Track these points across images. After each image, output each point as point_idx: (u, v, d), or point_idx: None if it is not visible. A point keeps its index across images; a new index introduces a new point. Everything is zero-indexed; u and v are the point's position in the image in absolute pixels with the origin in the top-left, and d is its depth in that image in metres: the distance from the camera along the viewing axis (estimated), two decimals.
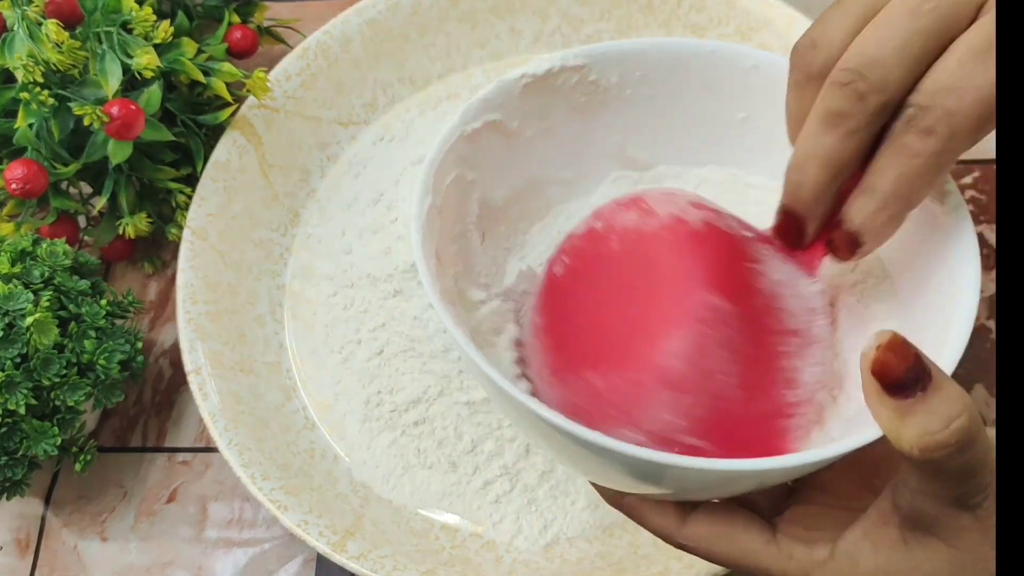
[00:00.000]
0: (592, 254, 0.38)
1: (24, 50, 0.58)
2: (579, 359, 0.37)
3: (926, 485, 0.30)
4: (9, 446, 0.53)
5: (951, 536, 0.31)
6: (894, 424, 0.29)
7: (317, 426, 0.59)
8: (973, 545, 0.31)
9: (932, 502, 0.31)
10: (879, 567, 0.32)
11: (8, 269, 0.54)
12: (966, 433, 0.29)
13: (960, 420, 0.29)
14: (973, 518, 0.31)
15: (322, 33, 0.67)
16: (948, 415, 0.29)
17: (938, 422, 0.29)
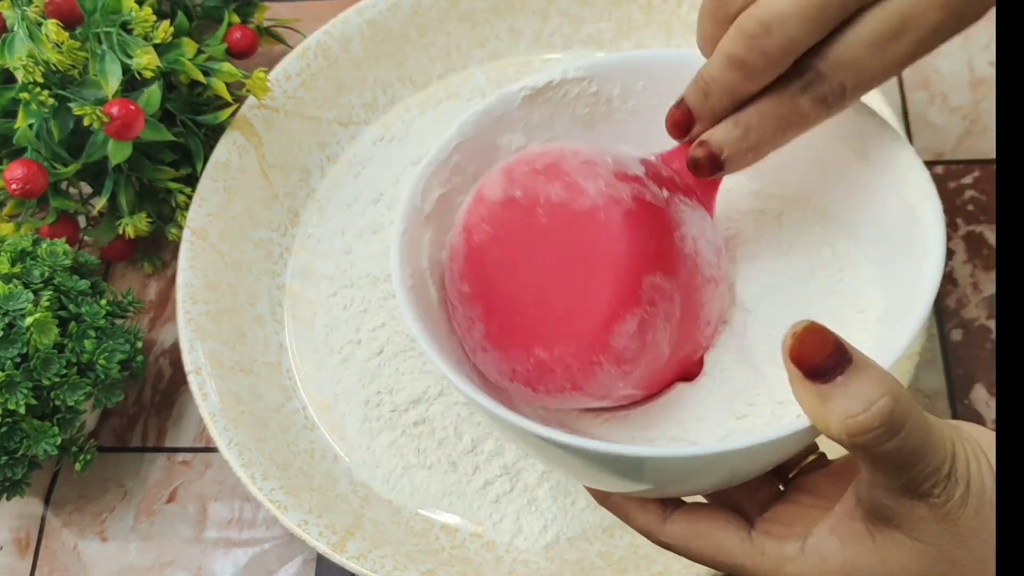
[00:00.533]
0: (517, 224, 0.38)
1: (24, 50, 0.58)
2: (519, 331, 0.38)
3: (873, 475, 0.31)
4: (9, 446, 0.53)
5: (911, 528, 0.31)
6: (818, 410, 0.30)
7: (317, 426, 0.59)
8: (933, 536, 0.31)
9: (884, 492, 0.31)
10: (846, 561, 0.33)
11: (8, 269, 0.54)
12: (890, 415, 0.29)
13: (882, 402, 0.29)
14: (928, 508, 0.30)
15: (322, 33, 0.67)
16: (868, 398, 0.29)
17: (859, 405, 0.29)
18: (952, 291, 0.59)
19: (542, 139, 0.43)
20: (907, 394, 0.29)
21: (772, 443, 0.32)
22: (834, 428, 0.29)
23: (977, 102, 0.65)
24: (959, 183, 0.63)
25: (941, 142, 0.64)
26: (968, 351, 0.58)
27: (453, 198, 0.42)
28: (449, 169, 0.41)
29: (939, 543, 0.31)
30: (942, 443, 0.30)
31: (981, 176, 0.63)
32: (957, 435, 0.31)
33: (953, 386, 0.57)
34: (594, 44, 0.68)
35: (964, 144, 0.64)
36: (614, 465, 0.34)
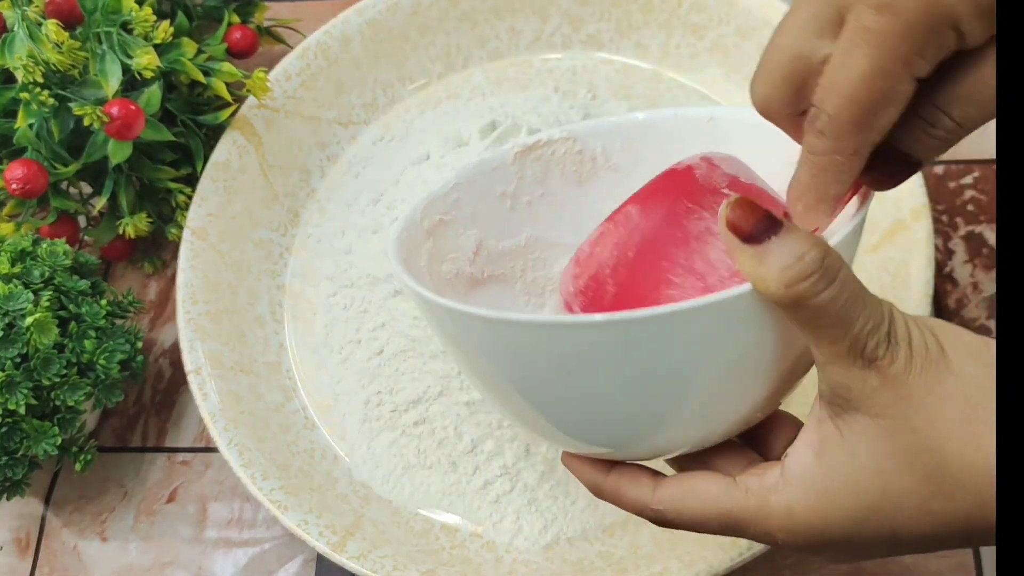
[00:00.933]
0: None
1: (24, 50, 0.58)
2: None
3: (822, 347, 0.32)
4: (9, 446, 0.53)
5: (868, 404, 0.32)
6: (756, 269, 0.32)
7: (317, 426, 0.59)
8: (889, 406, 0.32)
9: (836, 368, 0.32)
10: (825, 471, 0.34)
11: (8, 269, 0.54)
12: (822, 262, 0.31)
13: (813, 252, 0.31)
14: (877, 375, 0.32)
15: (322, 33, 0.67)
16: (800, 250, 0.31)
17: (792, 256, 0.31)
18: (952, 291, 0.59)
19: (536, 193, 0.46)
20: (836, 252, 0.32)
21: (708, 309, 0.32)
22: (772, 282, 0.31)
23: None
24: (959, 183, 0.63)
25: None
26: None
27: (451, 227, 0.44)
28: (449, 203, 0.43)
29: (896, 412, 0.32)
30: (877, 304, 0.32)
31: (981, 176, 0.63)
32: (891, 304, 0.33)
33: None
34: (594, 44, 0.68)
35: (964, 144, 0.63)
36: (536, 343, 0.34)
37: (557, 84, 0.67)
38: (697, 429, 0.37)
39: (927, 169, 0.63)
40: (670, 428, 0.37)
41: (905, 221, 0.56)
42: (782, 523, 0.35)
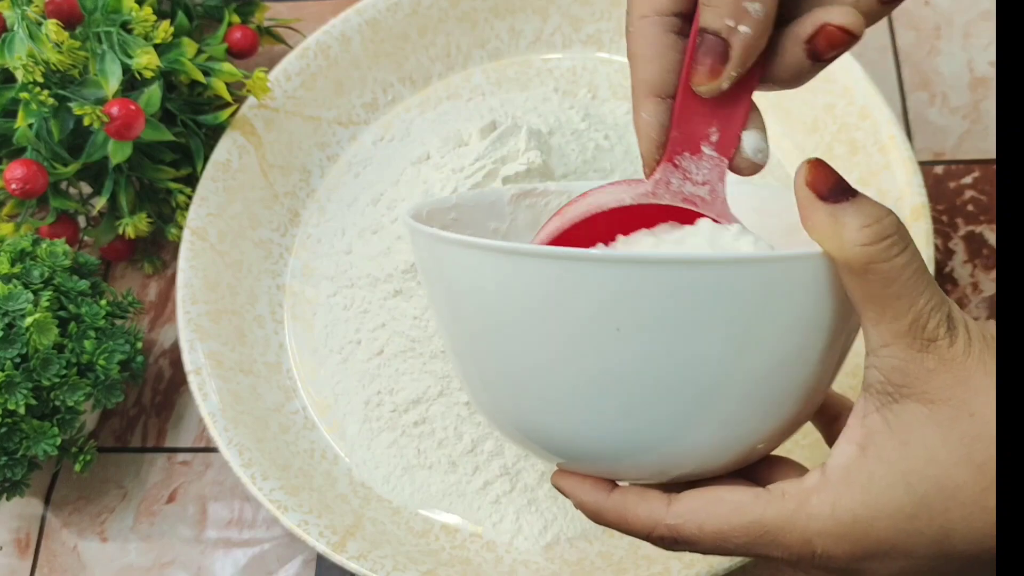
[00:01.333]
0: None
1: (24, 50, 0.58)
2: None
3: (882, 325, 0.31)
4: (9, 446, 0.53)
5: (923, 387, 0.31)
6: (831, 227, 0.31)
7: (317, 426, 0.59)
8: (946, 389, 0.31)
9: (893, 350, 0.31)
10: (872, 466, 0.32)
11: (8, 269, 0.54)
12: (899, 226, 0.31)
13: (891, 216, 0.31)
14: (937, 358, 0.31)
15: (322, 33, 0.67)
16: (878, 213, 0.31)
17: (871, 216, 0.31)
18: (952, 291, 0.59)
19: (524, 238, 0.44)
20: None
21: (770, 264, 0.31)
22: (849, 240, 0.30)
23: (977, 102, 0.65)
24: (959, 183, 0.63)
25: (941, 142, 0.64)
26: None
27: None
28: (448, 219, 0.42)
29: (953, 396, 0.30)
30: (936, 284, 0.31)
31: (981, 176, 0.63)
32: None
33: None
34: (594, 44, 0.68)
35: (964, 144, 0.64)
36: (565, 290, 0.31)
37: (557, 84, 0.68)
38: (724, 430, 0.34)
39: (927, 169, 0.63)
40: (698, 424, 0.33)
41: (904, 221, 0.56)
42: (824, 526, 0.31)
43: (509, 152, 0.56)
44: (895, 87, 0.67)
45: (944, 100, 0.66)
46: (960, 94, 0.66)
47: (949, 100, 0.66)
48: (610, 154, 0.61)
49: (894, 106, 0.65)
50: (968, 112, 0.65)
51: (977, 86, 0.66)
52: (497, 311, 0.34)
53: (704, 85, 0.33)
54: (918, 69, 0.67)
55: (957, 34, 0.68)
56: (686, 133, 0.35)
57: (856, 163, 0.59)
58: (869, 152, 0.58)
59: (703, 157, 0.35)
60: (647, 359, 0.32)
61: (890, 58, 0.68)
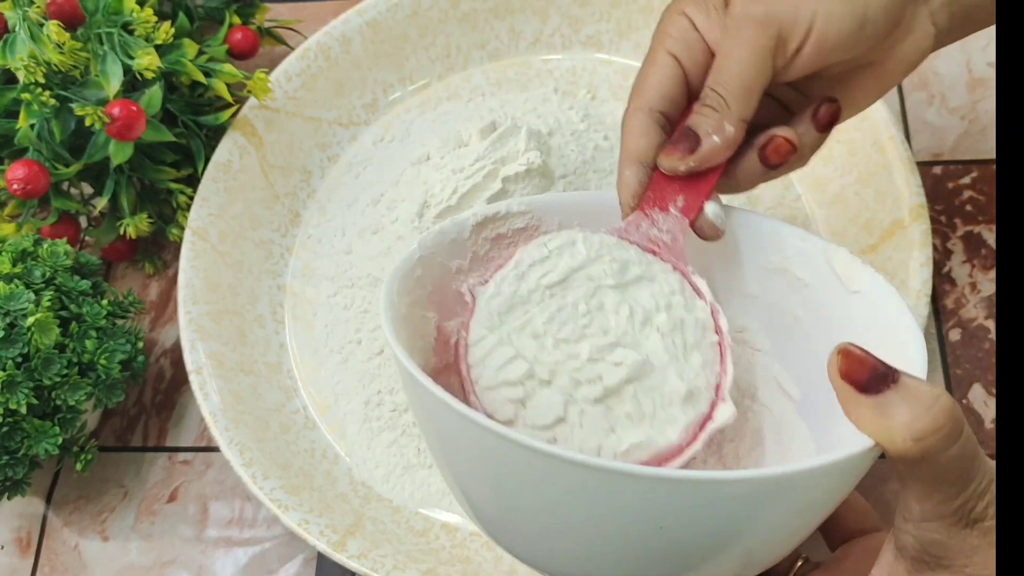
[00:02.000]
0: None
1: (26, 51, 0.58)
2: None
3: (928, 503, 0.30)
4: (10, 445, 0.53)
5: (963, 563, 0.30)
6: (878, 422, 0.29)
7: (317, 426, 0.59)
8: (986, 566, 0.30)
9: (937, 526, 0.30)
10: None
11: (9, 269, 0.55)
12: (952, 413, 0.29)
13: (942, 400, 0.29)
14: (981, 535, 0.30)
15: (322, 34, 0.67)
16: (928, 398, 0.29)
17: (921, 405, 0.29)
18: (950, 291, 0.60)
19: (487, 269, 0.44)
20: (956, 402, 0.29)
21: (821, 471, 0.31)
22: (899, 435, 0.29)
23: (975, 102, 0.66)
24: (957, 183, 0.63)
25: (939, 142, 0.64)
26: (966, 351, 0.58)
27: (416, 309, 0.43)
28: (413, 280, 0.42)
29: (990, 570, 0.30)
30: (985, 460, 0.30)
31: (980, 176, 0.63)
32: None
33: (951, 386, 0.57)
34: (593, 45, 0.68)
35: (962, 144, 0.64)
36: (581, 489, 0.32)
37: (557, 85, 0.68)
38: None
39: (925, 169, 0.63)
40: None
41: (903, 221, 0.56)
42: None
43: (509, 152, 0.56)
44: (894, 88, 0.67)
45: (943, 101, 0.66)
46: (958, 95, 0.66)
47: (947, 101, 0.66)
48: (610, 154, 0.61)
49: (893, 106, 0.65)
50: (967, 112, 0.65)
51: (975, 86, 0.66)
52: (494, 478, 0.35)
53: (668, 162, 0.41)
54: (917, 69, 0.67)
55: None
56: (658, 195, 0.42)
57: (855, 163, 0.59)
58: (868, 152, 0.59)
59: (670, 214, 0.42)
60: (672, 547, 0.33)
61: None
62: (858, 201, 0.59)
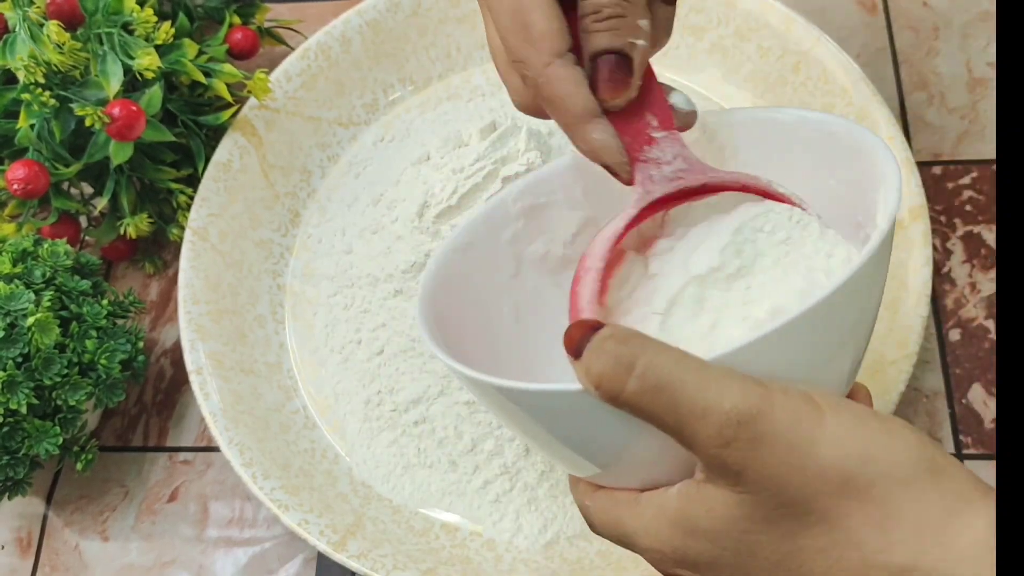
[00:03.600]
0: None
1: (26, 51, 0.58)
2: None
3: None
4: (11, 445, 0.53)
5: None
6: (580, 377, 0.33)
7: (317, 426, 0.59)
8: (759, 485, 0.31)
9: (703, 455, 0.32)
10: (679, 510, 0.34)
11: (10, 269, 0.55)
12: (614, 351, 0.32)
13: (607, 343, 0.32)
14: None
15: (323, 34, 0.67)
16: (596, 342, 0.32)
17: (593, 352, 0.32)
18: (950, 291, 0.60)
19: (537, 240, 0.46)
20: (635, 337, 0.32)
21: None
22: (585, 383, 0.32)
23: (975, 102, 0.66)
24: (957, 183, 0.63)
25: (939, 142, 0.65)
26: (966, 351, 0.58)
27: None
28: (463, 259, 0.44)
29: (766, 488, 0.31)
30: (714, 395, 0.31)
31: (980, 176, 0.63)
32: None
33: (951, 386, 0.57)
34: None
35: (962, 144, 0.64)
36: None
37: None
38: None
39: (925, 169, 0.63)
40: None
41: (903, 221, 0.56)
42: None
43: (509, 152, 0.57)
44: (894, 87, 0.67)
45: (942, 100, 0.66)
46: (958, 94, 0.66)
47: (947, 100, 0.66)
48: None
49: (892, 106, 0.65)
50: (966, 112, 0.65)
51: (975, 86, 0.66)
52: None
53: (616, 100, 0.37)
54: (916, 69, 0.68)
55: (955, 35, 0.68)
56: (633, 134, 0.38)
57: None
58: None
59: (658, 141, 0.38)
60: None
61: (888, 58, 0.68)
62: None
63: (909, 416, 0.56)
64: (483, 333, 0.44)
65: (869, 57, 0.68)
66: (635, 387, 0.31)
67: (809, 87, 0.62)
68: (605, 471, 0.37)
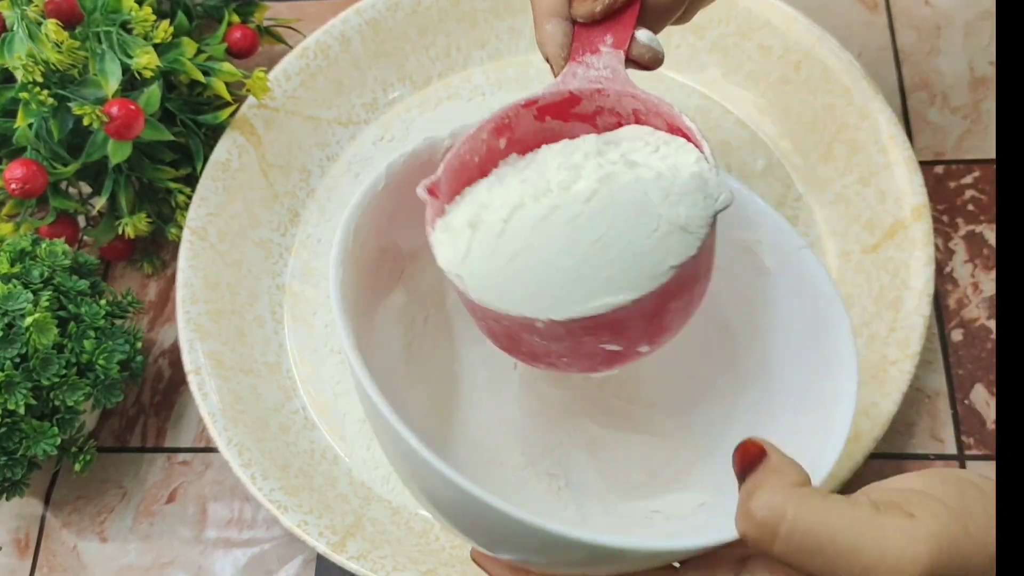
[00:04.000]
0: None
1: (24, 50, 0.58)
2: None
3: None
4: (9, 446, 0.53)
5: None
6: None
7: (317, 426, 0.58)
8: None
9: None
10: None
11: (8, 269, 0.54)
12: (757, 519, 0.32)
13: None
14: None
15: (322, 33, 0.67)
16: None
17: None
18: (952, 291, 0.59)
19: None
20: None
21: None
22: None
23: (977, 102, 0.65)
24: (959, 183, 0.63)
25: (941, 142, 0.64)
26: (968, 351, 0.58)
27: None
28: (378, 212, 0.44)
29: None
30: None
31: (981, 176, 0.63)
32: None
33: (953, 386, 0.57)
34: None
35: (964, 144, 0.64)
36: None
37: None
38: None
39: (927, 169, 0.63)
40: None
41: (905, 221, 0.56)
42: None
43: None
44: (895, 87, 0.67)
45: (944, 100, 0.66)
46: (960, 94, 0.66)
47: (949, 100, 0.66)
48: None
49: (894, 106, 0.65)
50: (968, 112, 0.65)
51: (977, 86, 0.66)
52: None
53: (578, 10, 0.42)
54: (918, 69, 0.67)
55: (957, 34, 0.68)
56: (585, 42, 0.43)
57: (856, 163, 0.59)
58: (869, 152, 0.58)
59: (602, 53, 0.42)
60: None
61: (890, 58, 0.68)
62: (860, 201, 0.58)
63: (911, 417, 0.56)
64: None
65: (871, 56, 0.68)
66: (782, 549, 0.31)
67: (810, 86, 0.61)
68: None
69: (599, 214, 0.37)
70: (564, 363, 0.40)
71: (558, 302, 0.37)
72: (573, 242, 0.37)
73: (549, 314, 0.37)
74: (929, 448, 0.56)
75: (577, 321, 0.37)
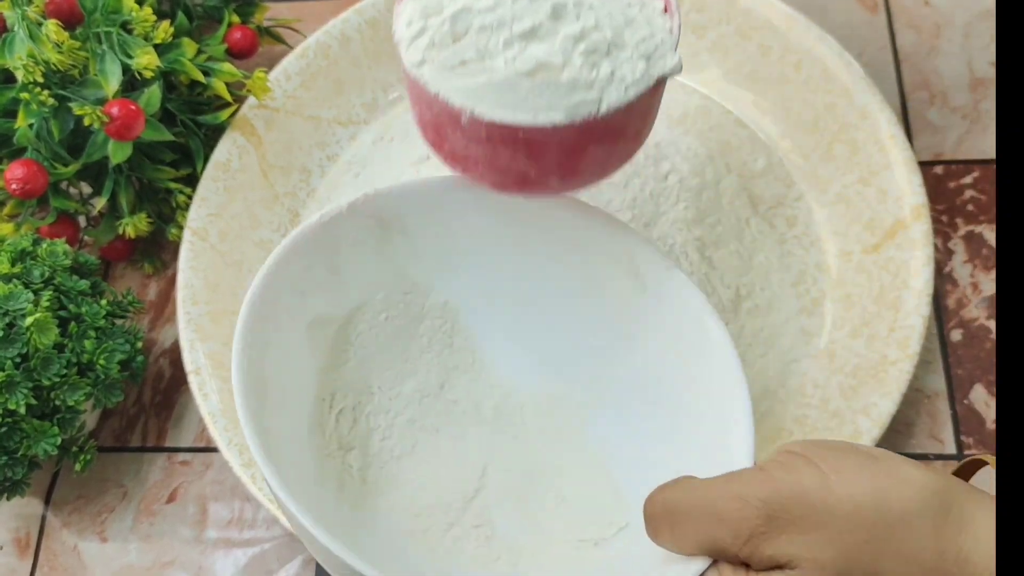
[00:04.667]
0: None
1: (24, 50, 0.58)
2: None
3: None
4: (9, 446, 0.53)
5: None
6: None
7: None
8: None
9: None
10: None
11: (8, 269, 0.54)
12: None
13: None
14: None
15: (322, 33, 0.67)
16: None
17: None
18: (952, 291, 0.59)
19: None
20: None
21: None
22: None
23: (977, 102, 0.65)
24: (959, 183, 0.63)
25: (941, 142, 0.64)
26: (968, 351, 0.58)
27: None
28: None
29: None
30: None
31: (981, 176, 0.63)
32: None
33: (953, 386, 0.57)
34: None
35: (964, 144, 0.64)
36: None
37: None
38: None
39: (927, 169, 0.63)
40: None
41: (905, 221, 0.56)
42: None
43: None
44: (895, 87, 0.67)
45: (944, 100, 0.66)
46: (960, 94, 0.66)
47: (949, 100, 0.66)
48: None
49: (894, 106, 0.65)
50: (968, 112, 0.65)
51: (977, 86, 0.66)
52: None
53: None
54: (918, 69, 0.67)
55: (957, 34, 0.68)
56: None
57: (856, 163, 0.59)
58: (869, 152, 0.59)
59: None
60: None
61: (890, 58, 0.68)
62: (860, 201, 0.58)
63: (911, 417, 0.56)
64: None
65: (870, 56, 0.68)
66: (648, 515, 0.36)
67: (810, 86, 0.61)
68: None
69: (552, 32, 0.39)
70: (479, 171, 0.44)
71: (486, 103, 0.39)
72: (518, 55, 0.39)
73: (476, 108, 0.39)
74: (928, 448, 0.56)
75: (498, 126, 0.39)
